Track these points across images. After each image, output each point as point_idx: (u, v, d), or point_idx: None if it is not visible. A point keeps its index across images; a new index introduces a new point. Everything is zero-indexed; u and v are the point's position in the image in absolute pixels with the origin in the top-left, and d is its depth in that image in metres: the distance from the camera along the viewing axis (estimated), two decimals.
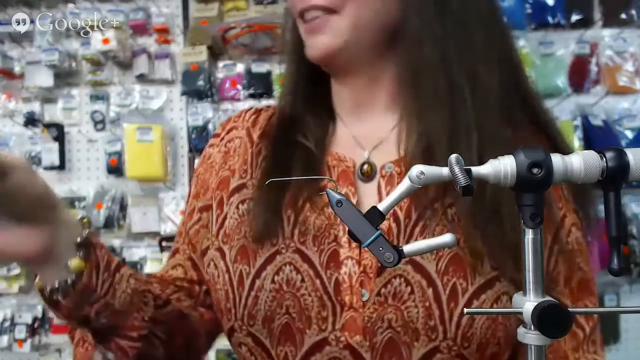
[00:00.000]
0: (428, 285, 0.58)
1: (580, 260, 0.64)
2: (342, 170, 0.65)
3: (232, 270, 0.64)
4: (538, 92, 0.70)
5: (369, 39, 0.63)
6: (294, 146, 0.67)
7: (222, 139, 0.74)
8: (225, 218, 0.68)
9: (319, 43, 0.64)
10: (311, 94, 0.71)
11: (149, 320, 0.62)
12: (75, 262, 0.55)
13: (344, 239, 0.61)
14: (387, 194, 0.63)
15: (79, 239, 0.55)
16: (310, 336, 0.60)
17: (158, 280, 0.69)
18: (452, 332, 0.57)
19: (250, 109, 0.76)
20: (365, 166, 0.65)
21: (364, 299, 0.59)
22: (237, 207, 0.67)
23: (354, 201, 0.63)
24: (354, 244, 0.61)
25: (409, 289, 0.58)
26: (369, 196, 0.64)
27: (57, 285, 0.54)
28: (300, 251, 0.62)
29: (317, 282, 0.60)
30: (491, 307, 0.58)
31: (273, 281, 0.61)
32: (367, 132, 0.67)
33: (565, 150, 0.59)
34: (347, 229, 0.42)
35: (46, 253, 0.53)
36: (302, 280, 0.61)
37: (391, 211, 0.60)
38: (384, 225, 0.61)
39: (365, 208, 0.41)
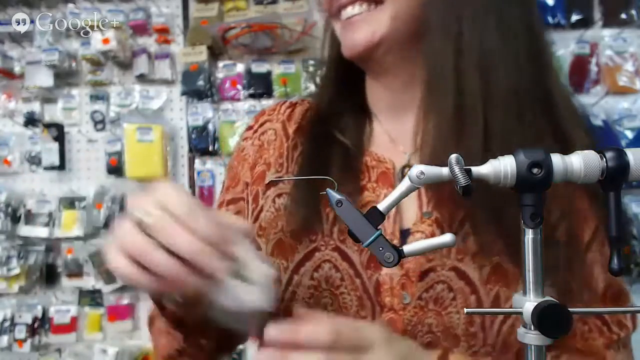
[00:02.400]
0: (471, 292, 0.58)
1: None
2: (382, 171, 0.64)
3: None
4: (569, 97, 0.65)
5: (405, 32, 0.62)
6: (331, 143, 0.67)
7: (256, 131, 0.74)
8: (261, 211, 0.67)
9: (359, 38, 0.62)
10: (347, 91, 0.70)
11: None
12: None
13: None
14: (427, 196, 0.61)
15: None
16: None
17: None
18: (492, 339, 0.57)
19: (285, 102, 0.76)
20: (407, 169, 0.64)
21: (406, 301, 0.58)
22: (274, 201, 0.67)
23: None
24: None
25: (451, 295, 0.58)
26: (408, 198, 0.63)
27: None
28: (339, 249, 0.61)
29: (357, 281, 0.60)
30: None
31: (312, 278, 0.61)
32: (405, 133, 0.66)
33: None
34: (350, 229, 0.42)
35: None
36: (342, 279, 0.60)
37: (433, 217, 0.60)
38: (428, 231, 0.60)
39: (405, 210, 0.41)
